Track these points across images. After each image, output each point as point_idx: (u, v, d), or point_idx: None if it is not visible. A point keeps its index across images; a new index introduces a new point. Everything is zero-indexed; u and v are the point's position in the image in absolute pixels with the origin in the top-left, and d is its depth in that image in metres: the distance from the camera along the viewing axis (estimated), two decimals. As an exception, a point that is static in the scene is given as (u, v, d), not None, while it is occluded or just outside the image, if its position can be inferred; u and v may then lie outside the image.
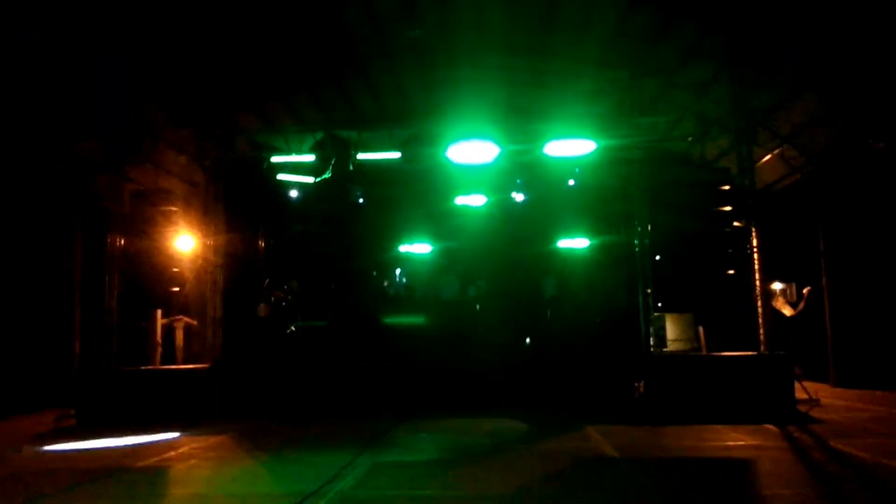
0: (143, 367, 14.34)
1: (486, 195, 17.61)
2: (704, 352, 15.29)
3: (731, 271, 13.39)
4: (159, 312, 15.41)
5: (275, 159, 14.39)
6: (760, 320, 13.22)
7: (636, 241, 13.75)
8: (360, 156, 14.18)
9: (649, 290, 13.44)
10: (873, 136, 14.38)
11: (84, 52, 13.42)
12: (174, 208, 14.30)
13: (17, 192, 14.67)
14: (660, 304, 13.91)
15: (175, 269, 13.96)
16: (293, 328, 15.26)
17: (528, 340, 14.50)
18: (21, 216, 14.88)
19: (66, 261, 15.65)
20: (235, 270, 15.15)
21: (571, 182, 16.13)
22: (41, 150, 14.71)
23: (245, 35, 14.86)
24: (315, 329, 15.07)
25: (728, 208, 13.44)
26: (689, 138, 14.53)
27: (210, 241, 14.27)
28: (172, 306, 15.31)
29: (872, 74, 13.44)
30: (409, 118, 16.50)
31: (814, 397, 12.90)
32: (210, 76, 15.21)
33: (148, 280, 13.77)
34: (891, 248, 15.09)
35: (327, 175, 14.01)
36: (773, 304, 15.36)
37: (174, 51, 14.55)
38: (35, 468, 8.83)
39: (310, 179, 14.41)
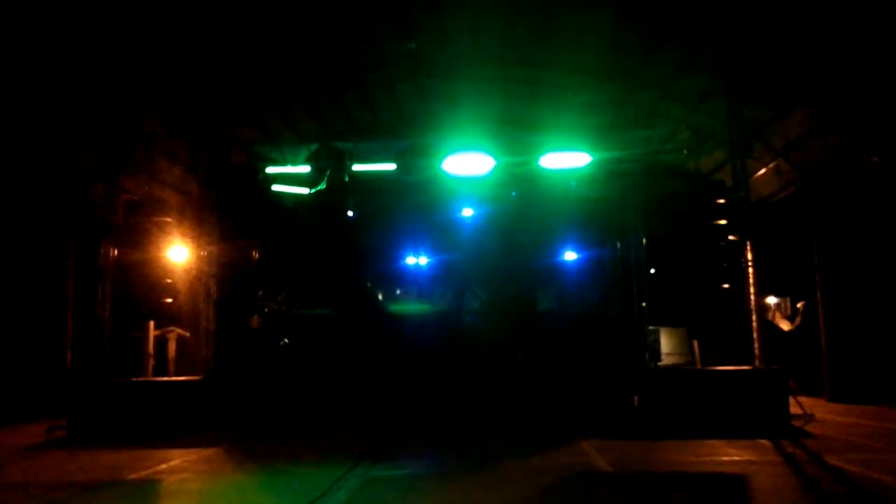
0: (134, 379, 14.25)
1: (481, 207, 17.59)
2: (699, 366, 15.28)
3: (726, 285, 13.40)
4: (152, 324, 15.33)
5: (270, 170, 14.33)
6: (755, 334, 13.18)
7: (631, 254, 13.73)
8: (356, 167, 14.15)
9: (644, 304, 13.41)
10: (868, 149, 14.41)
11: (81, 56, 13.39)
12: (168, 218, 14.25)
13: (10, 200, 14.60)
14: (654, 318, 13.87)
15: (168, 280, 13.90)
16: (286, 340, 15.19)
17: (521, 353, 14.42)
18: (13, 225, 14.80)
19: (59, 270, 15.56)
20: (229, 281, 15.07)
21: (573, 195, 16.08)
22: (35, 157, 14.68)
23: (242, 45, 14.86)
24: (311, 330, 15.00)
25: (723, 222, 13.45)
26: (685, 151, 14.52)
27: (203, 252, 14.19)
28: (165, 317, 15.23)
29: (868, 88, 13.49)
30: (405, 130, 16.54)
31: (808, 412, 12.86)
32: (206, 86, 15.19)
33: (141, 291, 13.71)
34: (886, 262, 15.09)
35: (322, 186, 13.97)
36: (770, 318, 15.36)
37: (171, 59, 14.54)
38: (24, 480, 8.74)
39: (305, 190, 14.36)
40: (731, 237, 13.41)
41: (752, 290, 13.14)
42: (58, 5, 12.24)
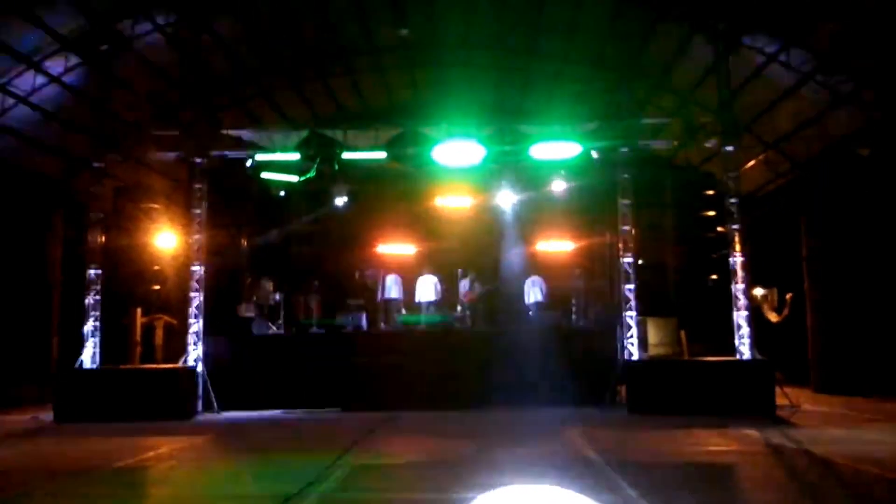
0: (121, 366, 14.16)
1: (472, 196, 17.58)
2: (686, 356, 15.35)
3: (714, 276, 13.44)
4: (139, 311, 15.23)
5: (259, 157, 14.15)
6: (743, 325, 13.23)
7: (620, 244, 13.73)
8: (346, 155, 14.00)
9: (632, 294, 13.44)
10: (858, 142, 14.44)
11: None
12: (156, 205, 14.12)
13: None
14: (642, 308, 13.90)
15: (156, 267, 13.78)
16: (274, 328, 15.14)
17: (511, 342, 14.43)
18: (-1, 211, 14.67)
19: (46, 257, 15.43)
20: (217, 269, 14.97)
21: (563, 185, 16.03)
22: (22, 143, 14.54)
23: (231, 31, 14.75)
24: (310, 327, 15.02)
25: (712, 213, 13.47)
26: (675, 142, 14.51)
27: (192, 239, 14.07)
28: (153, 304, 15.14)
29: (859, 82, 13.54)
30: (396, 117, 16.40)
31: (794, 403, 12.94)
32: (196, 73, 15.04)
33: (128, 278, 13.59)
34: (873, 255, 15.16)
35: (312, 174, 13.83)
36: (759, 309, 15.41)
37: (161, 47, 14.42)
38: (8, 467, 8.65)
39: (294, 178, 14.22)
40: (719, 228, 13.42)
41: (739, 281, 13.16)
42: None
